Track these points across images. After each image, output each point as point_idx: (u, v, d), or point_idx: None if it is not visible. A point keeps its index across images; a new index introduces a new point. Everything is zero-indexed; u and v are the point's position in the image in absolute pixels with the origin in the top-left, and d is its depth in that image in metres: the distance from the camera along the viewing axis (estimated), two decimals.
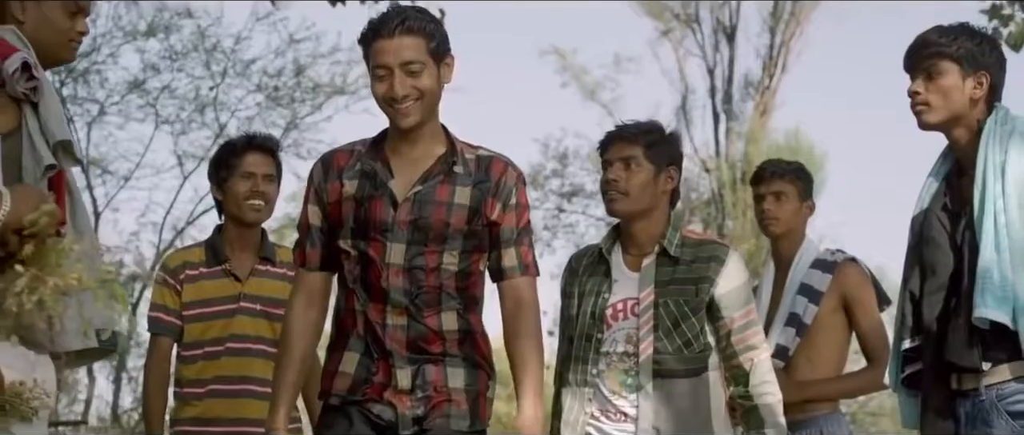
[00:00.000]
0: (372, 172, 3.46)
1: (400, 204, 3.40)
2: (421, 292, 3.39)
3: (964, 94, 3.55)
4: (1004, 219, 3.43)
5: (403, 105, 3.36)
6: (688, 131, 24.86)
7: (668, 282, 3.91)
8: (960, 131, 3.58)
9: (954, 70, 3.54)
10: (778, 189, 4.88)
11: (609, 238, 4.09)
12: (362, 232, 3.42)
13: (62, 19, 3.49)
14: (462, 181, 3.44)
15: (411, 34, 3.36)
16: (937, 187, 3.67)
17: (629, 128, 4.06)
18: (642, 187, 3.96)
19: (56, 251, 2.63)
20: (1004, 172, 3.45)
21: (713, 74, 24.65)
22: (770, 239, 4.99)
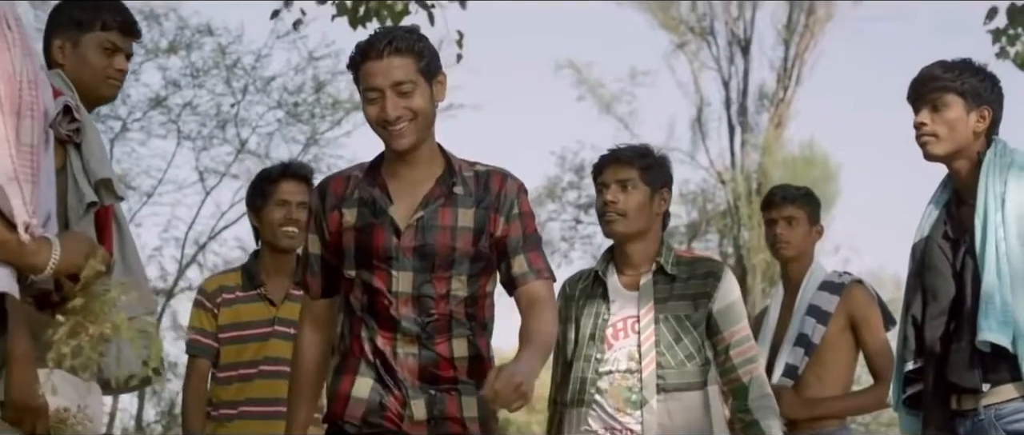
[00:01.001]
0: (371, 200, 3.37)
1: (403, 231, 3.32)
2: (431, 320, 3.31)
3: (968, 127, 3.71)
4: (1005, 247, 3.59)
5: (396, 127, 3.28)
6: (704, 143, 24.94)
7: (667, 298, 3.98)
8: (961, 162, 3.74)
9: (959, 104, 3.70)
10: (789, 214, 5.04)
11: (603, 260, 4.16)
12: (365, 262, 3.34)
13: (99, 58, 3.65)
14: (464, 202, 3.36)
15: (400, 54, 3.28)
16: (937, 215, 3.82)
17: (624, 151, 4.14)
18: (639, 208, 4.04)
19: (101, 300, 2.68)
20: (1004, 203, 3.61)
21: (728, 86, 24.62)
22: (780, 262, 5.14)
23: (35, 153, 2.54)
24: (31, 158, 2.53)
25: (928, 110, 3.72)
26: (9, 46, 2.53)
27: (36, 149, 2.55)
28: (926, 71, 3.77)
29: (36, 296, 2.73)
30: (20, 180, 2.49)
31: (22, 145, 2.52)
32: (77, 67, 3.65)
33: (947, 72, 3.73)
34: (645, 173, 4.06)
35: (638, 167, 4.06)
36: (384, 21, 8.52)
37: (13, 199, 2.47)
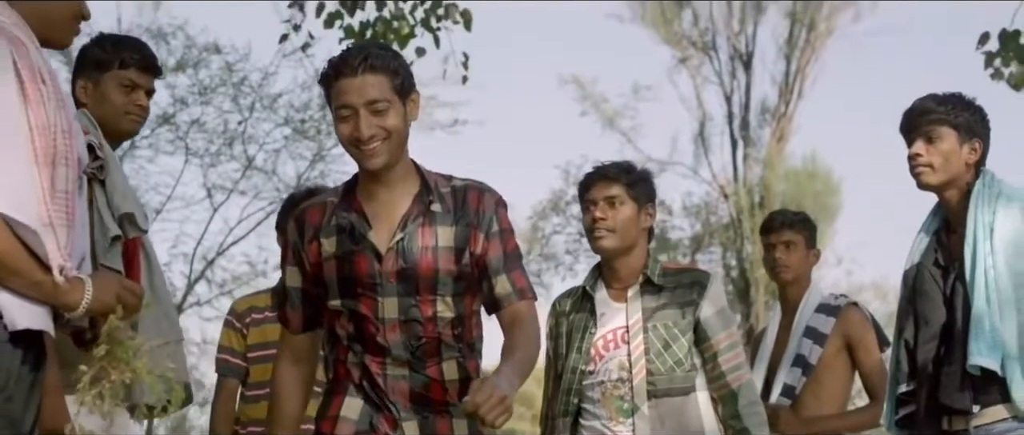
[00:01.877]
0: (349, 226, 3.27)
1: (384, 256, 3.23)
2: (421, 344, 3.23)
3: (961, 159, 3.86)
4: (993, 274, 3.73)
5: (369, 146, 3.18)
6: (706, 157, 25.00)
7: (655, 308, 4.02)
8: (952, 192, 3.89)
9: (953, 136, 3.85)
10: (788, 239, 5.18)
11: (591, 276, 4.21)
12: (350, 291, 3.25)
13: (119, 96, 3.80)
14: (443, 220, 3.27)
15: (375, 72, 3.18)
16: (927, 243, 3.96)
17: (609, 168, 4.16)
18: (627, 223, 4.08)
19: (124, 347, 2.80)
20: (993, 232, 3.76)
21: (730, 101, 24.73)
22: (778, 285, 5.27)
23: (70, 199, 2.71)
24: (66, 204, 2.69)
25: (923, 141, 3.86)
26: (44, 99, 2.69)
27: (70, 195, 2.71)
28: (920, 104, 3.91)
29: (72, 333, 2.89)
30: (54, 225, 2.65)
31: (57, 192, 2.67)
32: (99, 105, 3.80)
33: (941, 105, 3.88)
34: (631, 189, 4.10)
35: (624, 183, 4.11)
36: (391, 43, 8.64)
37: (48, 243, 2.63)
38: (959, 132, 3.85)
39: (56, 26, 2.88)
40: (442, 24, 9.10)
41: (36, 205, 2.62)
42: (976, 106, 3.94)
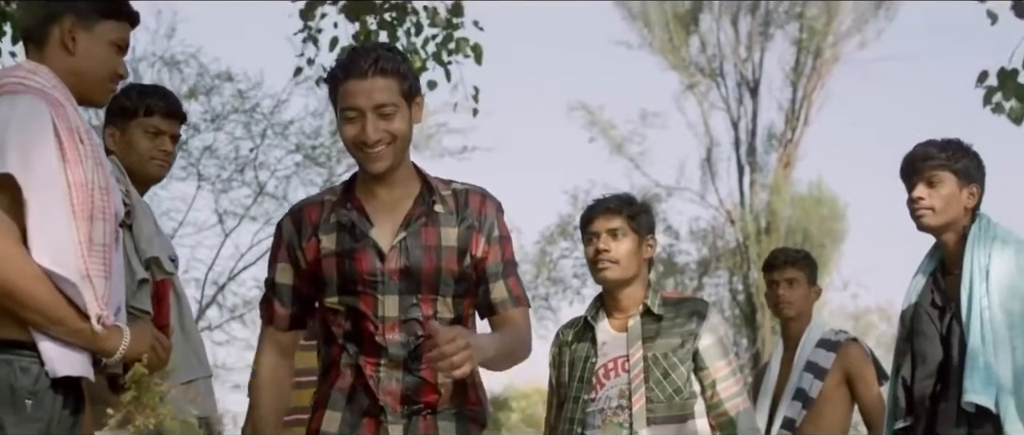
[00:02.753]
0: (350, 223, 3.22)
1: (387, 254, 3.18)
2: (419, 343, 3.17)
3: (960, 203, 4.01)
4: (989, 315, 3.88)
5: (375, 150, 3.14)
6: (713, 183, 25.05)
7: (654, 337, 4.06)
8: (950, 235, 4.03)
9: (953, 181, 4.00)
10: (791, 276, 5.35)
11: (593, 307, 4.25)
12: (349, 288, 3.19)
13: (144, 142, 3.96)
14: (446, 221, 3.24)
15: (385, 75, 3.14)
16: (924, 284, 4.10)
17: (611, 201, 4.21)
18: (629, 255, 4.13)
19: (151, 393, 2.93)
20: (988, 274, 3.91)
21: (737, 127, 24.79)
22: (781, 320, 5.43)
23: (107, 251, 2.88)
24: (103, 256, 2.86)
25: (924, 185, 4.00)
26: (82, 158, 2.86)
27: (108, 248, 2.88)
28: (921, 150, 4.05)
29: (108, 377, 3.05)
30: (92, 277, 2.81)
31: (94, 245, 2.84)
32: (126, 152, 3.96)
33: (942, 151, 4.02)
34: (633, 221, 4.16)
35: (626, 215, 4.16)
36: None
37: (86, 294, 2.80)
38: (958, 177, 4.00)
39: (93, 86, 3.04)
40: (453, 58, 9.24)
41: (75, 259, 2.78)
42: (974, 152, 4.07)
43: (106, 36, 3.03)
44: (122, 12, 3.07)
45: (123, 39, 3.08)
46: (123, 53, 3.08)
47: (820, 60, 24.45)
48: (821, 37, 24.39)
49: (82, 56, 3.01)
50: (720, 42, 24.96)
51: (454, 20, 9.21)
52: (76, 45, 3.00)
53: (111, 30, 3.04)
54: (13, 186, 2.75)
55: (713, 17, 25.01)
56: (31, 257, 2.75)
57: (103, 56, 3.04)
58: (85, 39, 3.01)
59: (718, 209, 24.96)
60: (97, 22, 3.02)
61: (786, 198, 24.54)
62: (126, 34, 3.09)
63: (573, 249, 25.37)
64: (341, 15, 9.25)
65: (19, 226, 2.76)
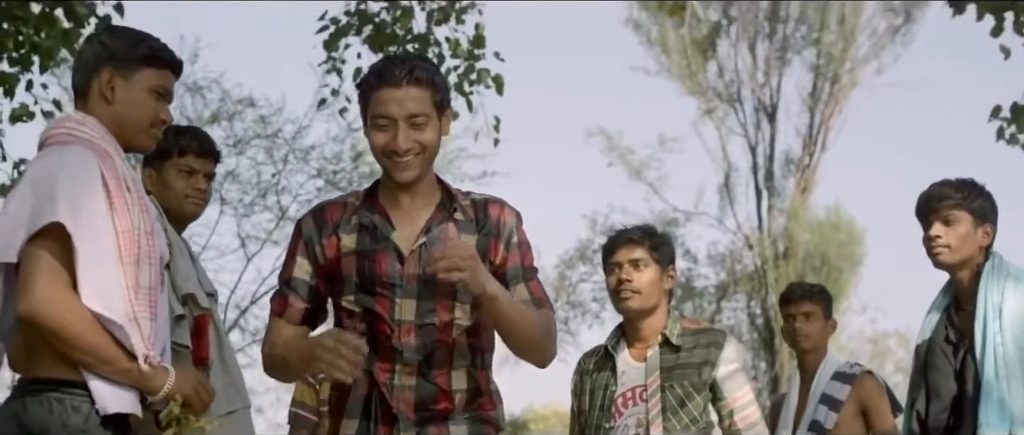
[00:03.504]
0: (371, 225, 3.21)
1: (406, 257, 3.17)
2: (435, 350, 3.16)
3: (975, 242, 4.13)
4: (1002, 351, 3.99)
5: (404, 159, 3.13)
6: (731, 207, 25.20)
7: (672, 367, 4.10)
8: (965, 272, 4.14)
9: (968, 220, 4.12)
10: (807, 310, 5.46)
11: (614, 336, 4.29)
12: (367, 288, 3.18)
13: (179, 181, 4.07)
14: (466, 228, 3.22)
15: (419, 85, 3.13)
16: (938, 319, 4.22)
17: (633, 232, 4.27)
18: (651, 285, 4.18)
19: (192, 429, 3.02)
20: (1002, 312, 4.02)
21: (755, 152, 24.97)
22: (798, 353, 5.53)
23: (153, 294, 3.00)
24: (149, 299, 2.99)
25: (941, 223, 4.11)
26: (128, 206, 2.99)
27: (154, 291, 3.01)
28: (938, 189, 4.17)
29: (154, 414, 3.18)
30: (139, 319, 2.94)
31: (141, 289, 2.97)
32: (162, 192, 4.07)
33: (958, 192, 4.14)
34: (655, 252, 4.21)
35: (648, 246, 4.21)
36: None
37: (132, 336, 2.92)
38: (974, 216, 4.11)
39: (135, 133, 3.14)
40: (475, 88, 9.38)
41: (122, 303, 2.91)
42: (987, 192, 4.19)
43: (144, 84, 3.12)
44: (159, 59, 3.15)
45: (162, 85, 3.15)
46: (165, 99, 3.17)
47: (837, 86, 24.66)
48: (838, 63, 24.59)
49: (121, 105, 3.10)
50: (738, 68, 25.24)
51: (476, 51, 9.37)
52: (115, 95, 3.09)
53: (149, 77, 3.12)
54: (63, 234, 2.86)
55: (731, 43, 25.29)
56: (81, 301, 2.86)
57: (142, 103, 3.11)
58: (123, 88, 3.10)
59: (736, 234, 25.15)
60: (135, 71, 3.11)
61: (804, 223, 24.71)
62: (165, 81, 3.16)
63: (592, 273, 25.46)
64: (364, 46, 9.43)
65: (69, 272, 2.88)
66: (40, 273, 2.87)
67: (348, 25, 9.43)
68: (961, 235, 4.10)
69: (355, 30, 9.44)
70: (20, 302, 2.88)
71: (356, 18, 9.41)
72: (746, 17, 24.76)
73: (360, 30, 9.43)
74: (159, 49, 3.17)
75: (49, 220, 2.86)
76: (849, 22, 24.55)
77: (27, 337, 2.94)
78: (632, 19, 25.40)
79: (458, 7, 9.45)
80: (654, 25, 24.05)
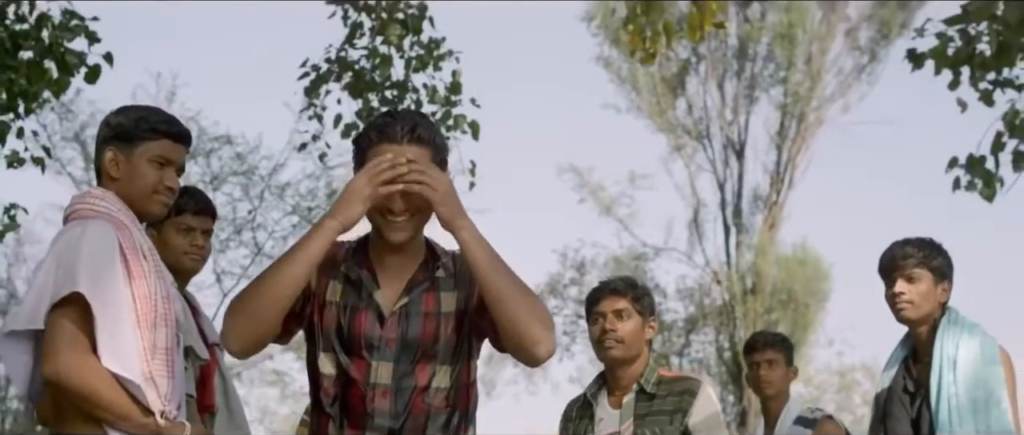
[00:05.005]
0: (358, 280, 3.12)
1: (387, 319, 3.08)
2: (408, 415, 3.05)
3: (935, 298, 4.36)
4: (956, 401, 4.21)
5: (398, 219, 3.06)
6: (700, 243, 25.38)
7: (645, 414, 4.22)
8: (924, 327, 4.38)
9: (929, 278, 4.35)
10: (770, 357, 5.71)
11: (595, 384, 4.46)
12: (345, 346, 3.09)
13: (178, 239, 4.24)
14: (445, 285, 3.12)
15: (420, 144, 3.04)
16: (897, 370, 4.45)
17: (617, 283, 4.42)
18: (634, 335, 4.33)
19: None
20: (956, 364, 4.25)
21: (723, 188, 25.17)
22: (761, 399, 5.78)
23: (169, 354, 3.24)
24: (166, 358, 3.22)
25: (904, 281, 4.34)
26: (145, 273, 3.23)
27: (170, 350, 3.24)
28: (900, 249, 4.39)
29: None
30: (155, 378, 3.17)
31: (158, 349, 3.20)
32: (162, 250, 4.09)
33: (920, 251, 4.37)
34: (637, 302, 4.35)
35: (631, 297, 4.35)
36: None
37: (148, 393, 3.15)
38: (934, 275, 4.35)
39: (141, 203, 3.35)
40: (452, 134, 9.62)
41: (139, 363, 3.14)
42: (945, 251, 4.43)
43: (144, 155, 3.33)
44: (157, 130, 3.34)
45: (162, 155, 3.34)
46: (169, 166, 3.37)
47: (804, 124, 24.88)
48: (805, 101, 24.81)
49: (125, 179, 3.33)
50: (706, 105, 25.42)
51: (452, 98, 9.62)
52: (119, 170, 3.34)
53: (149, 149, 3.33)
54: (83, 302, 3.09)
55: (700, 80, 25.46)
56: (100, 364, 3.09)
57: (143, 174, 3.32)
58: (126, 163, 3.34)
59: (705, 269, 25.32)
60: (136, 145, 3.33)
61: (771, 258, 24.88)
62: (165, 150, 3.35)
63: (562, 307, 25.61)
64: (344, 92, 9.66)
65: (89, 336, 3.10)
66: (62, 339, 3.10)
67: (329, 72, 9.66)
68: (922, 292, 4.32)
69: (335, 77, 9.67)
70: (44, 366, 3.11)
71: (336, 65, 9.65)
72: (714, 55, 25.04)
73: (340, 77, 9.66)
74: (157, 121, 3.37)
75: (70, 290, 3.09)
76: (816, 61, 24.86)
77: (54, 397, 3.17)
78: (603, 57, 25.67)
79: (436, 55, 9.70)
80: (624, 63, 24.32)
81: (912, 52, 8.08)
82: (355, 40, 9.63)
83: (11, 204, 8.88)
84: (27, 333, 3.19)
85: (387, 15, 9.57)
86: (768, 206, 24.95)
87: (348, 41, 9.63)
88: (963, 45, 7.75)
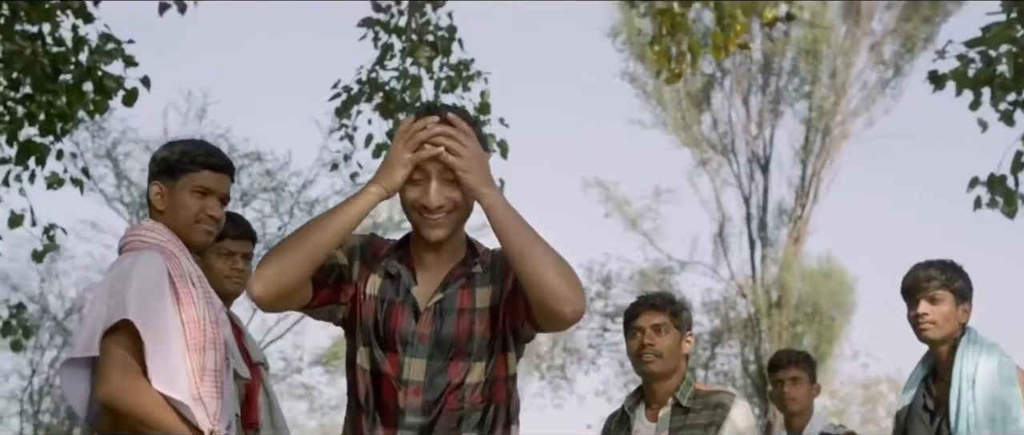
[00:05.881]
0: (397, 275, 3.07)
1: (421, 314, 3.02)
2: (441, 413, 3.00)
3: (957, 319, 4.50)
4: (974, 420, 4.34)
5: (435, 217, 2.98)
6: (725, 257, 25.53)
7: (680, 428, 4.29)
8: (944, 347, 4.51)
9: (950, 299, 4.49)
10: (794, 375, 5.87)
11: (632, 398, 4.53)
12: (380, 341, 3.03)
13: (218, 263, 4.36)
14: (482, 281, 3.06)
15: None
16: (917, 389, 4.59)
17: (655, 298, 4.50)
18: (671, 349, 4.40)
19: None
20: (974, 383, 4.38)
21: (748, 202, 25.29)
22: (785, 416, 5.93)
23: (218, 376, 3.41)
24: (215, 380, 3.39)
25: (927, 302, 4.48)
26: (194, 299, 3.40)
27: (219, 372, 3.42)
28: (924, 272, 4.53)
29: None
30: (204, 399, 3.34)
31: (207, 371, 3.38)
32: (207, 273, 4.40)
33: (942, 273, 4.50)
34: (675, 318, 4.43)
35: (669, 312, 4.43)
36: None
37: (197, 413, 3.33)
38: (956, 296, 4.49)
39: (186, 232, 3.54)
40: None
41: (187, 384, 3.32)
42: (966, 274, 4.57)
43: (186, 187, 3.53)
44: (197, 163, 3.54)
45: (202, 185, 3.54)
46: (211, 196, 3.55)
47: (829, 138, 24.96)
48: (830, 116, 24.89)
49: (170, 210, 3.54)
50: (732, 120, 25.55)
51: (481, 117, 9.75)
52: (164, 202, 3.54)
53: (191, 180, 3.53)
54: (132, 329, 3.27)
55: (724, 95, 25.59)
56: (151, 386, 3.27)
57: (185, 205, 3.51)
58: (170, 196, 3.54)
59: (730, 282, 25.43)
60: (177, 178, 3.53)
61: (796, 272, 24.94)
62: (207, 180, 3.55)
63: (588, 320, 25.70)
64: (375, 112, 9.81)
65: (140, 361, 3.28)
66: (113, 364, 3.29)
67: (360, 93, 9.79)
68: (944, 313, 4.45)
69: (366, 98, 9.81)
70: (97, 390, 3.31)
71: (367, 86, 9.80)
72: (739, 70, 25.15)
73: (371, 98, 9.79)
74: (198, 154, 3.56)
75: (120, 317, 3.28)
76: (840, 76, 24.96)
77: (111, 419, 3.35)
78: (628, 72, 25.82)
79: (465, 76, 9.83)
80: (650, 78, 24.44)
81: (933, 74, 8.19)
82: (386, 61, 9.75)
83: (50, 224, 9.07)
84: (84, 360, 3.38)
85: (417, 37, 9.69)
86: (793, 220, 25.03)
87: (379, 62, 9.76)
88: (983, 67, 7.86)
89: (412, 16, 9.86)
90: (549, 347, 26.37)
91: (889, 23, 24.99)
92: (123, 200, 21.22)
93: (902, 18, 24.72)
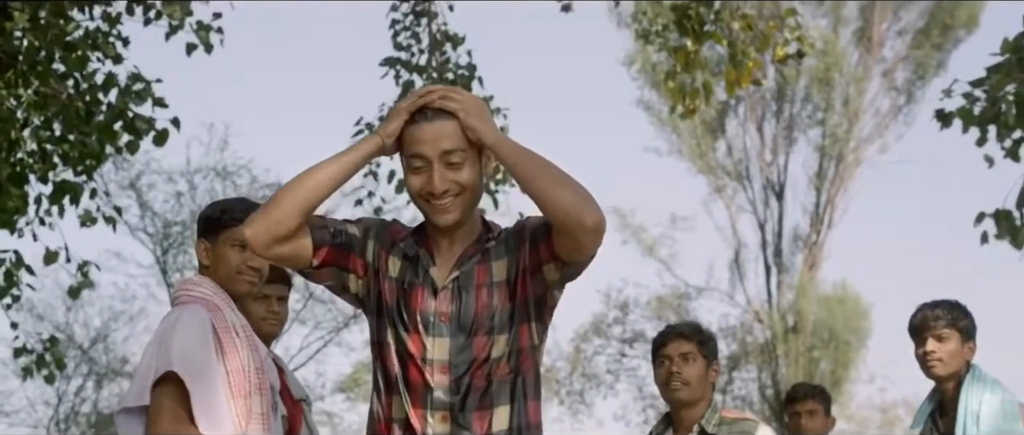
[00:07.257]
0: (415, 257, 3.05)
1: (439, 292, 3.01)
2: (469, 390, 2.98)
3: (962, 356, 4.68)
4: None
5: (442, 201, 2.95)
6: (741, 283, 25.67)
7: None
8: (951, 383, 4.70)
9: (957, 338, 4.67)
10: (811, 408, 6.07)
11: (661, 424, 4.61)
12: (401, 322, 3.02)
13: (254, 306, 4.43)
14: (497, 255, 3.03)
15: (452, 119, 2.93)
16: (925, 425, 4.79)
17: (684, 327, 4.58)
18: (699, 378, 4.46)
19: None
20: (979, 419, 4.56)
21: (764, 229, 25.45)
22: None
23: (266, 419, 3.62)
24: (263, 422, 3.61)
25: (934, 340, 4.67)
26: (238, 348, 3.62)
27: (267, 415, 3.62)
28: (931, 311, 4.71)
29: None
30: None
31: (253, 414, 3.58)
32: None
33: (949, 313, 4.69)
34: (703, 347, 4.49)
35: (697, 341, 4.49)
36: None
37: None
38: (961, 334, 4.67)
39: (230, 283, 3.75)
40: (500, 187, 9.95)
41: (232, 428, 3.54)
42: (970, 314, 4.76)
43: (227, 241, 3.73)
44: (236, 218, 3.70)
45: (242, 239, 3.48)
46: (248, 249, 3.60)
47: (842, 164, 25.12)
48: (843, 142, 25.04)
49: (214, 265, 3.75)
50: (746, 147, 25.75)
51: None
52: (209, 257, 3.76)
53: (231, 235, 3.72)
54: (177, 379, 3.48)
55: (739, 123, 25.81)
56: (198, 431, 3.47)
57: (226, 258, 3.71)
58: (213, 251, 3.75)
59: (746, 308, 25.58)
60: (219, 234, 3.75)
61: (812, 298, 25.06)
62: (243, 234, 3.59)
63: (606, 346, 25.90)
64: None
65: (187, 409, 3.49)
66: (161, 412, 3.50)
67: None
68: (951, 351, 4.63)
69: None
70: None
71: None
72: (753, 98, 25.32)
73: None
74: (237, 210, 3.75)
75: (165, 369, 3.49)
76: (853, 103, 25.12)
77: None
78: (643, 100, 26.02)
79: None
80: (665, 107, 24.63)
81: (940, 112, 8.40)
82: None
83: (84, 261, 9.32)
84: (138, 409, 3.59)
85: (438, 75, 9.91)
86: (808, 246, 25.19)
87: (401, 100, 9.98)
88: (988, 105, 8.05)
89: (432, 55, 10.09)
90: (568, 373, 26.52)
91: (900, 50, 25.23)
92: (147, 230, 21.53)
93: (913, 45, 24.91)
